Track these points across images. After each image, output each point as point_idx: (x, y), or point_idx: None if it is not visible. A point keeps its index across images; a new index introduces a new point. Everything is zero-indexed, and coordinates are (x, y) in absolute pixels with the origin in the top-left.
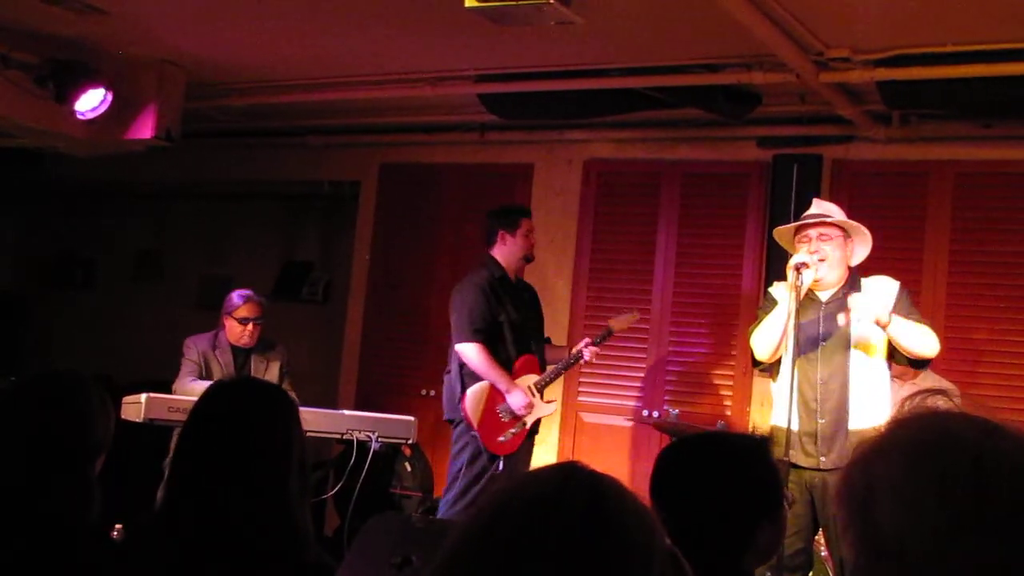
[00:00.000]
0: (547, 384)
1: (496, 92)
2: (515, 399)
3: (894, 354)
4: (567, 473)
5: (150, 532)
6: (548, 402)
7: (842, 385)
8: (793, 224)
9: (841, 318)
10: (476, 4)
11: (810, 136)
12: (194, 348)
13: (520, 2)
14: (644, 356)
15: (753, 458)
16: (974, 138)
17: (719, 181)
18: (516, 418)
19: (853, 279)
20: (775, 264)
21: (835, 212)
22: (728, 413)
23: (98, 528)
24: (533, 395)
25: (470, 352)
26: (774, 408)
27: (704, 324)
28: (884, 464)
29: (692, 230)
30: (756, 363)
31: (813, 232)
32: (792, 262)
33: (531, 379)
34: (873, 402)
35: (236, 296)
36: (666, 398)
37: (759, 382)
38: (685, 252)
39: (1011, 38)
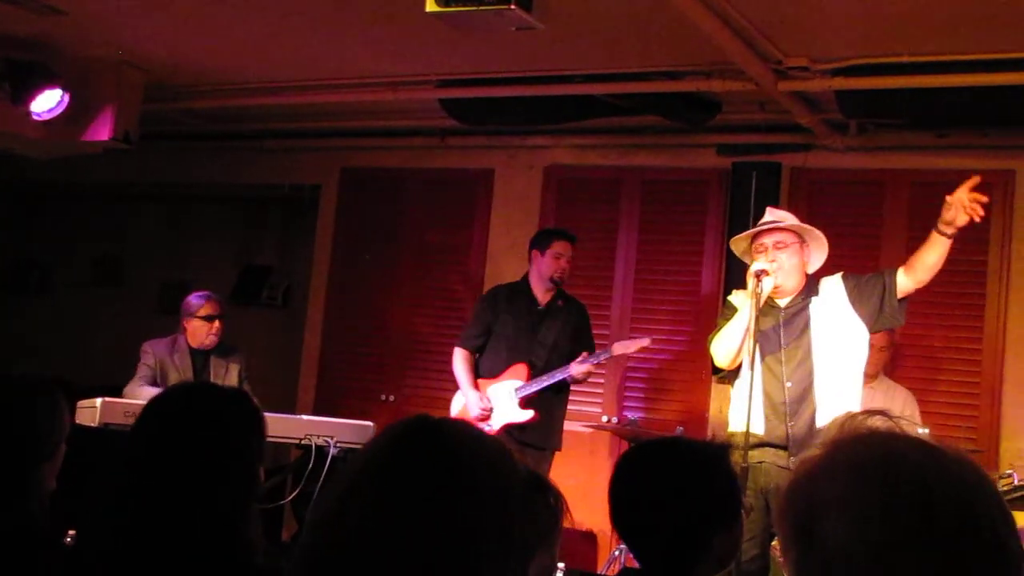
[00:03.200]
0: (529, 392)
1: (457, 97)
2: (468, 400)
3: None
4: (418, 420)
5: (96, 539)
6: (525, 410)
7: (808, 388)
8: (748, 232)
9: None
10: (437, 9)
11: (769, 144)
12: (151, 353)
13: (481, 7)
14: (604, 363)
15: (712, 467)
16: (929, 147)
17: (679, 188)
18: (480, 419)
19: (811, 284)
20: (734, 270)
21: (789, 217)
22: (686, 418)
23: (49, 532)
24: (506, 400)
25: (454, 356)
26: (732, 413)
27: (663, 330)
28: (829, 483)
29: (652, 236)
30: (716, 370)
31: (768, 240)
32: (752, 269)
33: (510, 384)
34: (841, 403)
35: (195, 297)
36: (625, 403)
37: (717, 387)
38: (645, 258)
39: (964, 50)
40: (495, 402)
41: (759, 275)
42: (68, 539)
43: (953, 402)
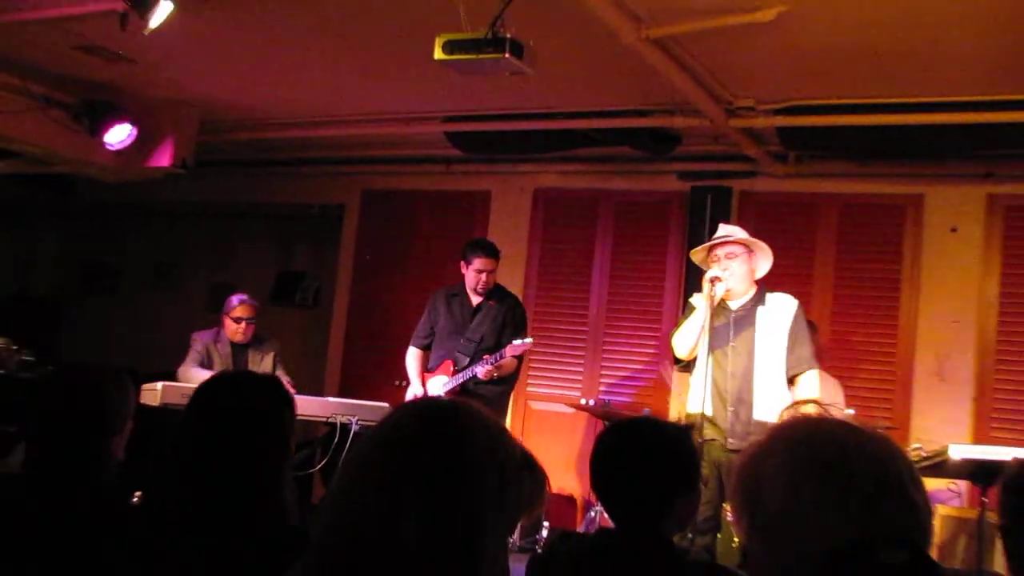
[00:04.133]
0: (452, 387)
1: (460, 130)
2: (413, 392)
3: None
4: (428, 405)
5: (158, 499)
6: None
7: (747, 380)
8: (705, 245)
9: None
10: (444, 57)
11: (721, 171)
12: (199, 340)
13: (480, 56)
14: (583, 354)
15: (676, 443)
16: (855, 175)
17: (646, 208)
18: None
19: (760, 293)
20: (692, 278)
21: (738, 232)
22: (651, 401)
23: (119, 493)
24: (439, 393)
25: (407, 353)
26: (690, 396)
27: (633, 327)
28: (770, 459)
29: (623, 248)
30: (677, 361)
31: (721, 252)
32: (707, 276)
33: (440, 379)
34: (772, 395)
35: (234, 299)
36: (601, 388)
37: (679, 376)
38: (617, 267)
39: (884, 94)
40: (432, 394)
41: (713, 281)
42: (135, 499)
43: (872, 388)
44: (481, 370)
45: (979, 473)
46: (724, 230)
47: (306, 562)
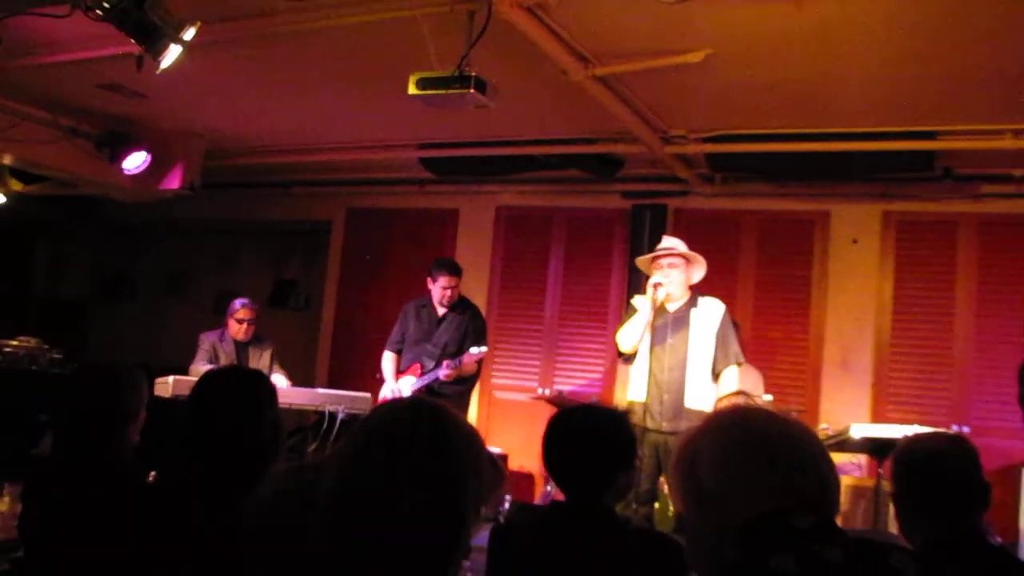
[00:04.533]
0: (419, 386)
1: (432, 156)
2: (383, 388)
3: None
4: (417, 403)
5: (170, 476)
6: None
7: (682, 373)
8: (650, 255)
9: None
10: (416, 92)
11: (658, 191)
12: (207, 340)
13: (449, 91)
14: (539, 350)
15: (617, 424)
16: (772, 194)
17: (594, 223)
18: None
19: (693, 297)
20: (634, 283)
21: (679, 245)
22: (600, 391)
23: (135, 473)
24: (407, 391)
25: (382, 356)
26: (631, 386)
27: (583, 326)
28: (704, 441)
29: (574, 257)
30: (621, 354)
31: (664, 261)
32: (651, 281)
33: (409, 379)
34: (701, 386)
35: (237, 303)
36: (555, 380)
37: (622, 369)
38: (569, 275)
39: (796, 125)
40: (403, 391)
41: (656, 286)
42: (150, 478)
43: (788, 377)
44: (443, 373)
45: (876, 448)
46: (667, 242)
47: (313, 522)
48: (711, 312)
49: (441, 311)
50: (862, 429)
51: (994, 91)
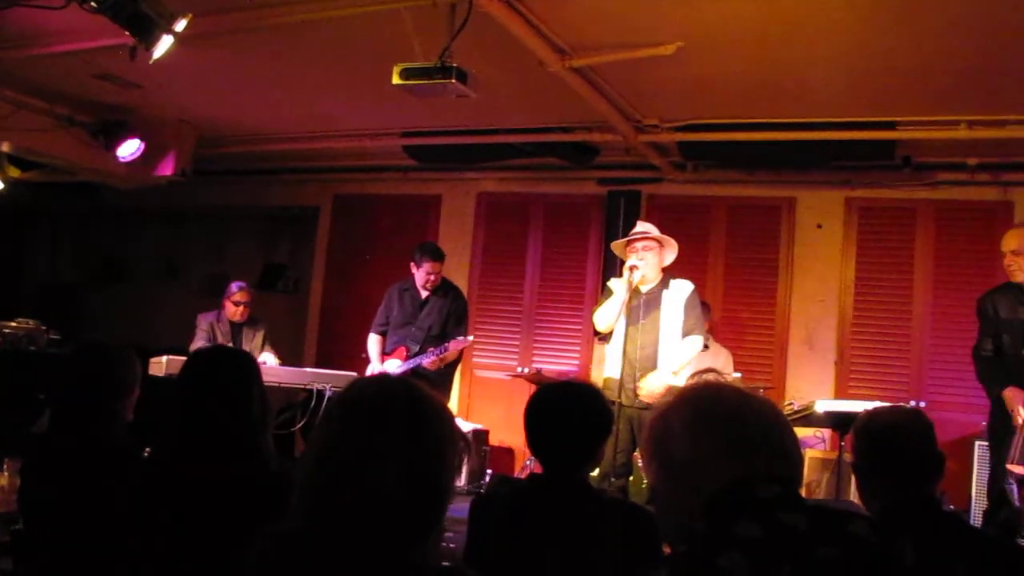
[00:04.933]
0: (405, 369)
1: (415, 144)
2: (373, 370)
3: None
4: (390, 380)
5: (164, 451)
6: None
7: (654, 351)
8: (625, 239)
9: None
10: (400, 82)
11: (632, 178)
12: (204, 320)
13: (431, 81)
14: (519, 330)
15: (594, 399)
16: (741, 181)
17: (570, 209)
18: None
19: (665, 279)
20: (609, 266)
21: (653, 230)
22: (577, 367)
23: (130, 448)
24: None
25: (368, 338)
26: (606, 364)
27: (560, 307)
28: (677, 415)
29: (552, 242)
30: (596, 333)
31: (639, 244)
32: (627, 264)
33: (395, 362)
34: (672, 363)
35: (234, 286)
36: (534, 358)
37: (598, 348)
38: (547, 258)
39: (764, 114)
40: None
41: (631, 268)
42: (145, 453)
43: (756, 355)
44: (427, 361)
45: (838, 422)
46: (642, 227)
47: (295, 507)
48: (680, 291)
49: (424, 294)
50: (826, 404)
51: (950, 84)
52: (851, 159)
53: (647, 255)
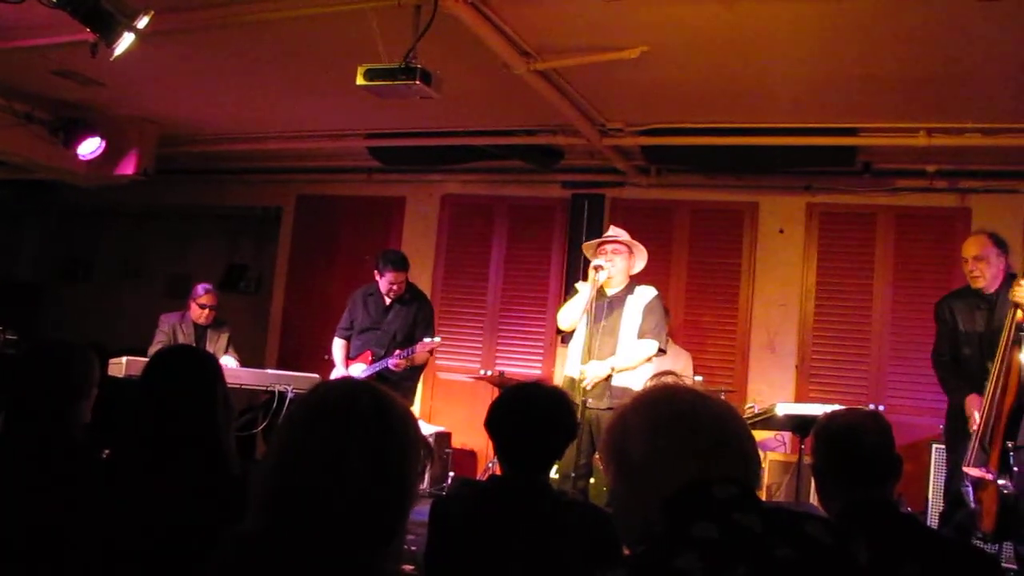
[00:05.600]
0: (370, 374)
1: (379, 145)
2: (333, 374)
3: None
4: (353, 383)
5: (124, 452)
6: None
7: (612, 352)
8: (596, 240)
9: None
10: (364, 83)
11: (596, 181)
12: (167, 322)
13: (395, 82)
14: (482, 332)
15: (560, 401)
16: (703, 185)
17: (535, 212)
18: None
19: (631, 284)
20: (572, 269)
21: (623, 235)
22: (541, 369)
23: (88, 450)
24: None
25: (333, 342)
26: (568, 363)
27: (523, 309)
28: (635, 416)
29: (516, 245)
30: (559, 331)
31: (609, 247)
32: (593, 264)
33: (360, 366)
34: (620, 360)
35: (200, 288)
36: (497, 361)
37: (561, 350)
38: (510, 260)
39: (727, 120)
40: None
41: (597, 268)
42: (104, 455)
43: (718, 359)
44: (392, 362)
45: (799, 425)
46: (614, 231)
47: (256, 509)
48: (644, 296)
49: (390, 300)
50: (786, 407)
51: (910, 92)
52: (813, 165)
53: (616, 258)
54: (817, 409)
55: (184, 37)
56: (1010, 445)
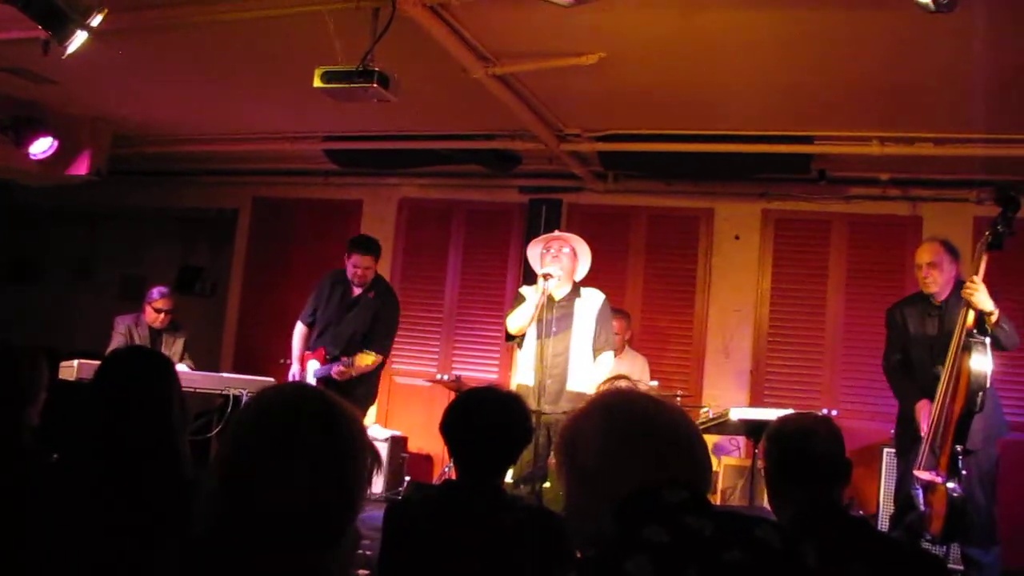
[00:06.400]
0: (320, 375)
1: (336, 148)
2: (291, 371)
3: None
4: (301, 386)
5: (74, 456)
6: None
7: (565, 359)
8: (543, 236)
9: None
10: (321, 85)
11: (554, 186)
12: (122, 323)
13: (352, 85)
14: (439, 337)
15: (514, 406)
16: (660, 191)
17: (492, 216)
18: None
19: (576, 288)
20: (530, 273)
21: (570, 238)
22: (496, 374)
23: (37, 454)
24: (310, 377)
25: (295, 327)
26: (518, 370)
27: (480, 314)
28: (589, 420)
29: (472, 250)
30: (509, 337)
31: (554, 245)
32: (542, 271)
33: (313, 364)
34: (584, 370)
35: (156, 292)
36: (454, 365)
37: (520, 353)
38: (468, 265)
39: (683, 127)
40: (308, 376)
41: (546, 276)
42: (53, 459)
43: (674, 364)
44: (335, 370)
45: (752, 430)
46: (558, 234)
47: (206, 514)
48: (592, 301)
49: (357, 291)
50: (740, 412)
51: (864, 101)
52: (768, 172)
53: (562, 257)
54: (771, 414)
55: (138, 36)
56: (959, 449)
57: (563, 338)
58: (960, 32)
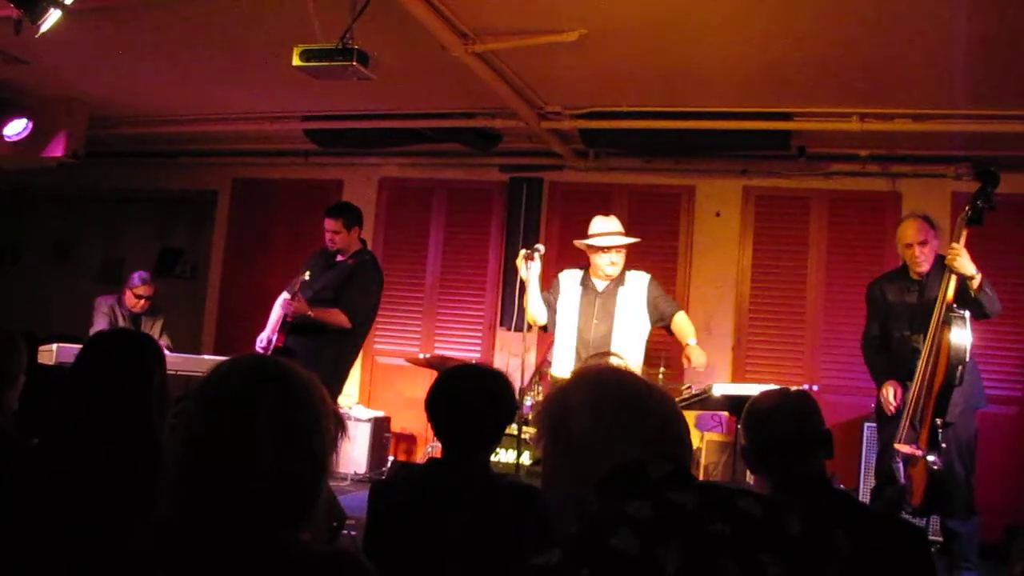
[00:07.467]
0: (281, 313)
1: (316, 128)
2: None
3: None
4: (260, 360)
5: (54, 440)
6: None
7: (607, 344)
8: (602, 237)
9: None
10: (300, 64)
11: (535, 164)
12: (104, 303)
13: (331, 63)
14: (420, 316)
15: (499, 382)
16: (642, 169)
17: (473, 195)
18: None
19: (621, 275)
20: (510, 252)
21: (620, 228)
22: (479, 353)
23: (16, 438)
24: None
25: None
26: (557, 364)
27: (462, 293)
28: (577, 393)
29: (454, 228)
30: (543, 328)
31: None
32: (522, 254)
33: (283, 295)
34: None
35: (136, 278)
36: (435, 344)
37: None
38: (448, 243)
39: (664, 104)
40: (274, 308)
41: (527, 258)
42: (34, 443)
43: (656, 341)
44: (290, 308)
45: (734, 405)
46: (608, 225)
47: (168, 497)
48: (637, 282)
49: (339, 257)
50: (723, 388)
51: (843, 78)
52: (749, 149)
53: (619, 257)
54: (753, 389)
55: (114, 15)
56: (939, 422)
57: (602, 327)
58: (935, 5)
